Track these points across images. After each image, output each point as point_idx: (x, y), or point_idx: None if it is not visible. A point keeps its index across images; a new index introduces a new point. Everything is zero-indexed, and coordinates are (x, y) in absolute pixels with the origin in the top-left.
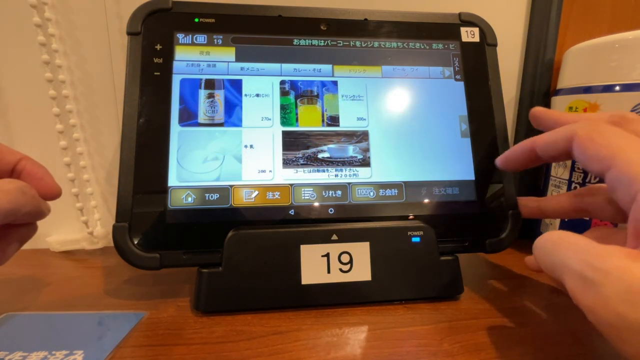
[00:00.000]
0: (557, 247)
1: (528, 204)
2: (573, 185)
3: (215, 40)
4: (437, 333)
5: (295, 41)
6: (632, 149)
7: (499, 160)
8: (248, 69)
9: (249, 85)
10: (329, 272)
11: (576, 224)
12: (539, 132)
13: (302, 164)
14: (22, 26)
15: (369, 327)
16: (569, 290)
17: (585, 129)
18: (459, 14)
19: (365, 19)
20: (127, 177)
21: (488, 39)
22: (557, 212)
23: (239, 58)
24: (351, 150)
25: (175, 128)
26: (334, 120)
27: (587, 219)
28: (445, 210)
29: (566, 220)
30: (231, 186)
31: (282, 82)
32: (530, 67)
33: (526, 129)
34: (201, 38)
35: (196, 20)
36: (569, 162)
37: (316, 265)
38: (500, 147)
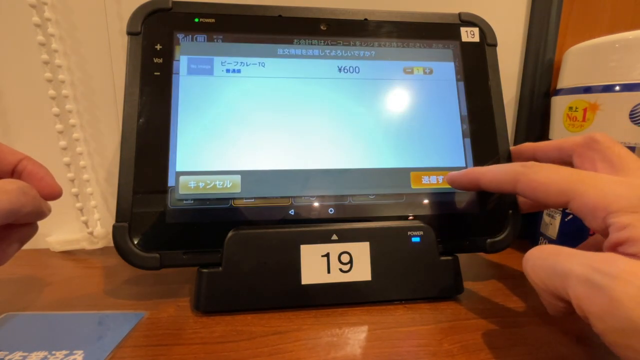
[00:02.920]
0: (557, 256)
1: None
2: None
3: (215, 40)
4: (437, 333)
5: (295, 41)
6: (580, 179)
7: (448, 177)
8: None
9: None
10: (329, 272)
11: (576, 224)
12: (539, 133)
13: None
14: (22, 26)
15: (369, 327)
16: (573, 298)
17: (525, 173)
18: (459, 14)
19: (365, 19)
20: (127, 177)
21: (488, 39)
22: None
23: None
24: None
25: (175, 128)
26: None
27: None
28: (445, 210)
29: (566, 220)
30: None
31: None
32: (530, 67)
33: (526, 129)
34: (201, 38)
35: (196, 20)
36: None
37: (316, 265)
38: (500, 147)
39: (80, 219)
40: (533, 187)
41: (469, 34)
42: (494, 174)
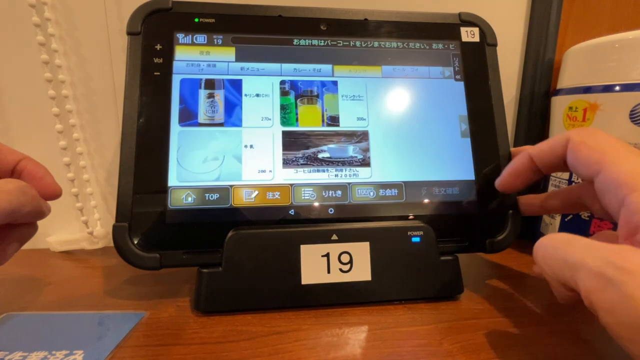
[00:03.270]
0: (568, 247)
1: (530, 201)
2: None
3: (215, 40)
4: (437, 333)
5: (295, 41)
6: (621, 154)
7: (499, 183)
8: (248, 68)
9: (249, 85)
10: (329, 272)
11: (576, 224)
12: (539, 133)
13: (302, 164)
14: (22, 26)
15: (369, 327)
16: (583, 291)
17: (579, 134)
18: (459, 14)
19: (365, 19)
20: (127, 177)
21: (488, 39)
22: (557, 208)
23: (239, 58)
24: (351, 150)
25: (175, 128)
26: (333, 120)
27: (587, 218)
28: (445, 210)
29: (566, 220)
30: (231, 186)
31: (282, 82)
32: (530, 67)
33: (526, 129)
34: (201, 38)
35: (196, 20)
36: None
37: (316, 265)
38: (500, 147)
39: (80, 219)
40: (578, 149)
41: (469, 34)
42: (547, 140)
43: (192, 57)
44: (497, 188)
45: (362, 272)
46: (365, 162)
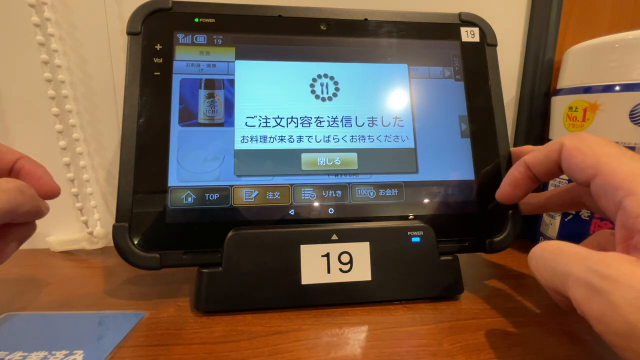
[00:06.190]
0: (558, 256)
1: (530, 201)
2: None
3: (215, 40)
4: (437, 333)
5: (295, 41)
6: (616, 157)
7: (499, 194)
8: None
9: None
10: (329, 272)
11: (576, 224)
12: (539, 133)
13: None
14: (21, 26)
15: (369, 327)
16: (573, 300)
17: (572, 139)
18: (459, 14)
19: (365, 19)
20: (127, 177)
21: (488, 39)
22: (557, 206)
23: (239, 58)
24: None
25: (175, 128)
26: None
27: (587, 218)
28: (445, 210)
29: (566, 219)
30: (231, 186)
31: None
32: (530, 67)
33: (526, 129)
34: (201, 38)
35: (196, 20)
36: None
37: (316, 265)
38: (500, 147)
39: (80, 219)
40: (572, 155)
41: (469, 34)
42: (541, 147)
43: (192, 57)
44: (498, 199)
45: (362, 272)
46: None
